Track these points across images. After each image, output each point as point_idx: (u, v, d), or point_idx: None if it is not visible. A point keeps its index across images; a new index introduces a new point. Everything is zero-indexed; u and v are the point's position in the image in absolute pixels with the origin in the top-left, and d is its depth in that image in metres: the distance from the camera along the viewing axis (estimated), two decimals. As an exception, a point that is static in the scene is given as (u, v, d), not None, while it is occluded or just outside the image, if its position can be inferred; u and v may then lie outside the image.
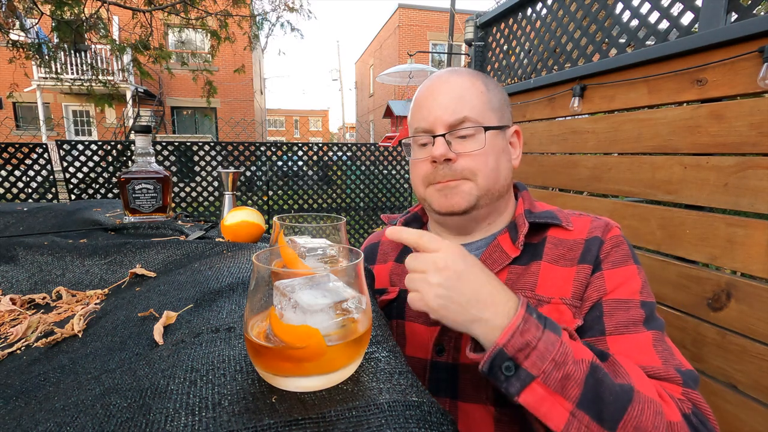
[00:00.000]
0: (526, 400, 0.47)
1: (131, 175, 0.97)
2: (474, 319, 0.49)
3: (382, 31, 18.69)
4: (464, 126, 0.68)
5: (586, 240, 0.67)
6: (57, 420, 0.33)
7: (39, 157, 3.85)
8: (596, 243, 0.65)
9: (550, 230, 0.70)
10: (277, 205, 5.07)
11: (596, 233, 0.67)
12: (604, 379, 0.47)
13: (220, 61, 11.86)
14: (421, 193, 0.75)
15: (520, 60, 2.13)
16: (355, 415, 0.32)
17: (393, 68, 8.33)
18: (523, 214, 0.71)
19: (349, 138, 30.21)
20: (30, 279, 0.70)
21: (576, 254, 0.66)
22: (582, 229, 0.68)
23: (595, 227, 0.68)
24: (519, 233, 0.69)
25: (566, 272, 0.65)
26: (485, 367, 0.48)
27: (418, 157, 0.74)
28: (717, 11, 1.14)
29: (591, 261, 0.64)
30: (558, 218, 0.70)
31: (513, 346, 0.47)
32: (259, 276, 0.36)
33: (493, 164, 0.69)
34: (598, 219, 0.70)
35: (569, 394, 0.46)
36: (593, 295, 0.62)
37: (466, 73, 0.73)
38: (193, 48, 12.37)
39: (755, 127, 1.02)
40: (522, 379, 0.47)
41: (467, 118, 0.68)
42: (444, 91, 0.71)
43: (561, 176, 1.71)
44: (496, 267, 0.68)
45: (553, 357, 0.46)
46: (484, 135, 0.69)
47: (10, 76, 6.31)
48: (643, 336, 0.57)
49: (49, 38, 5.51)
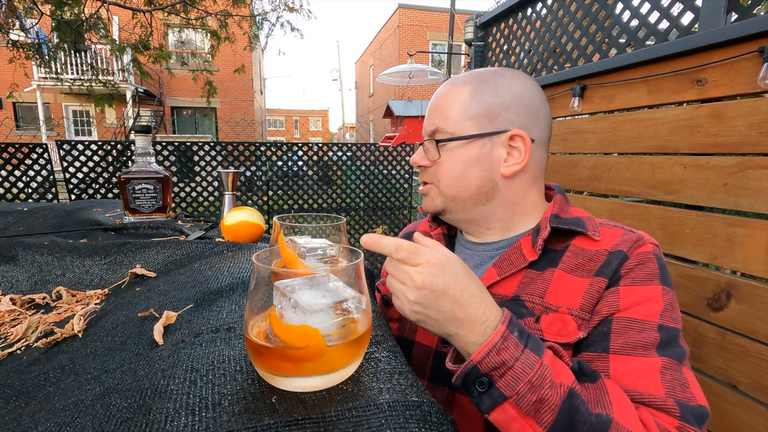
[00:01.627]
0: (496, 419, 0.47)
1: (131, 175, 0.97)
2: (451, 334, 0.49)
3: (382, 31, 18.70)
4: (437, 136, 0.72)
5: (609, 252, 0.63)
6: (57, 420, 0.33)
7: (39, 157, 3.85)
8: (619, 257, 0.61)
9: (576, 238, 0.67)
10: (277, 205, 5.07)
11: (622, 247, 0.62)
12: (580, 408, 0.46)
13: (220, 61, 11.86)
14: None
15: (520, 60, 2.12)
16: (355, 415, 0.32)
17: (393, 68, 8.33)
18: (548, 218, 0.68)
19: (349, 138, 30.21)
20: (30, 279, 0.70)
21: (595, 266, 0.62)
22: (609, 241, 0.64)
23: (623, 240, 0.63)
24: (539, 237, 0.67)
25: (579, 282, 0.62)
26: (458, 381, 0.49)
27: None
28: (717, 11, 1.14)
29: (608, 275, 0.60)
30: (584, 226, 0.66)
31: (488, 363, 0.46)
32: (259, 276, 0.36)
33: (457, 173, 0.70)
34: (632, 233, 0.65)
35: (542, 418, 0.45)
36: (603, 310, 0.59)
37: (458, 82, 0.72)
38: (193, 48, 12.38)
39: (755, 127, 1.02)
40: (494, 398, 0.46)
41: (438, 129, 0.71)
42: (432, 101, 0.75)
43: (561, 176, 1.71)
44: (511, 269, 0.67)
45: (529, 379, 0.45)
46: (436, 147, 0.71)
47: (10, 76, 6.31)
48: (650, 361, 0.53)
49: (49, 38, 5.51)
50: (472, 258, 0.75)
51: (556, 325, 0.60)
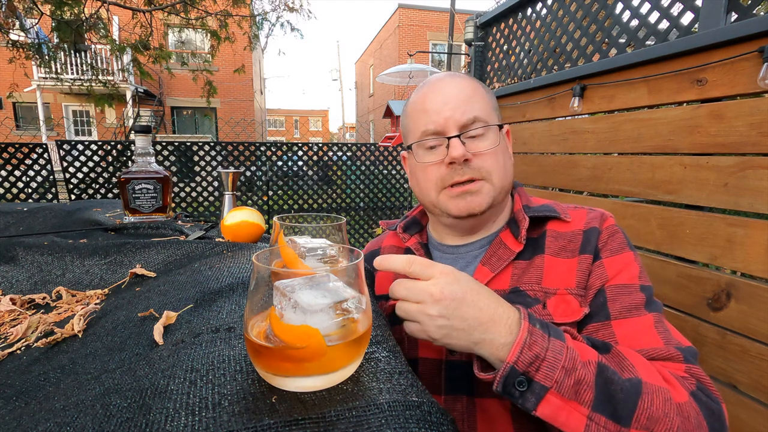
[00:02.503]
0: (543, 412, 0.47)
1: (131, 175, 0.97)
2: (478, 341, 0.49)
3: (382, 31, 18.70)
4: (476, 126, 0.69)
5: (584, 231, 0.68)
6: (57, 420, 0.33)
7: (39, 157, 3.85)
8: (595, 233, 0.67)
9: (549, 224, 0.72)
10: (277, 205, 5.07)
11: (594, 224, 0.69)
12: (613, 377, 0.48)
13: (220, 61, 11.86)
14: (432, 198, 0.73)
15: (520, 60, 2.13)
16: (355, 415, 0.32)
17: (393, 68, 8.31)
18: (522, 210, 0.73)
19: (349, 138, 30.20)
20: (30, 279, 0.70)
21: (576, 245, 0.67)
22: (579, 221, 0.70)
23: (591, 218, 0.70)
24: (520, 228, 0.70)
25: (569, 263, 0.66)
26: (499, 386, 0.48)
27: (429, 161, 0.71)
28: (717, 11, 1.14)
29: (591, 251, 0.66)
30: (556, 211, 0.72)
31: (523, 361, 0.47)
32: (259, 276, 0.36)
33: (503, 162, 0.71)
34: (593, 210, 0.72)
35: (583, 398, 0.46)
36: (596, 283, 0.63)
37: (465, 76, 0.74)
38: (193, 48, 12.37)
39: (755, 127, 1.02)
40: (537, 393, 0.47)
41: (477, 117, 0.69)
42: (450, 92, 0.70)
43: (561, 176, 1.71)
44: (501, 263, 0.69)
45: (562, 365, 0.47)
46: (497, 133, 0.71)
47: (10, 76, 6.31)
48: (645, 318, 0.59)
49: (49, 38, 5.51)
50: (456, 261, 0.75)
51: (561, 307, 0.62)
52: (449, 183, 0.69)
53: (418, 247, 0.78)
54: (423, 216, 0.86)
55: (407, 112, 0.78)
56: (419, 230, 0.84)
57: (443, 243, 0.79)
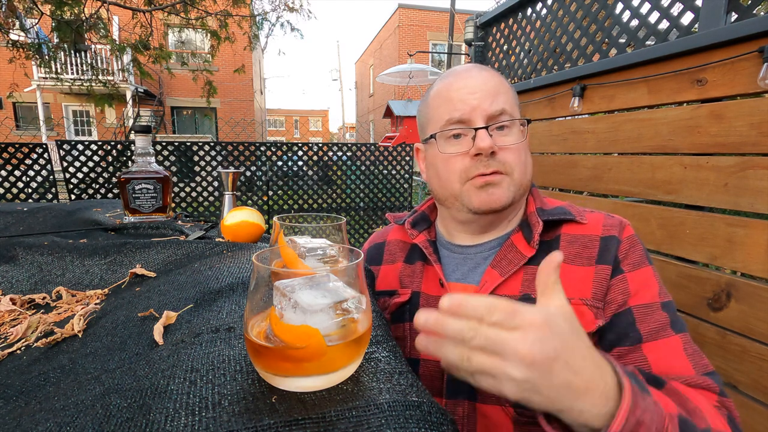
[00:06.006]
0: None
1: (131, 175, 0.97)
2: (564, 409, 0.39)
3: (382, 31, 18.70)
4: (503, 118, 0.66)
5: (602, 238, 0.65)
6: (57, 420, 0.33)
7: (39, 157, 3.85)
8: (614, 242, 0.64)
9: (564, 227, 0.68)
10: (277, 205, 5.07)
11: (613, 232, 0.65)
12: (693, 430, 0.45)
13: (220, 61, 11.87)
14: (456, 190, 0.69)
15: (520, 60, 2.13)
16: (355, 415, 0.32)
17: (393, 68, 8.33)
18: (535, 212, 0.70)
19: (349, 138, 30.20)
20: (30, 279, 0.70)
21: (593, 252, 0.64)
22: (596, 225, 0.67)
23: (610, 225, 0.66)
24: (533, 232, 0.67)
25: (585, 272, 0.63)
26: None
27: (452, 151, 0.68)
28: (717, 11, 1.14)
29: (610, 261, 0.62)
30: (571, 213, 0.68)
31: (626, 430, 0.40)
32: (259, 276, 0.36)
33: (524, 159, 0.69)
34: (612, 217, 0.69)
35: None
36: (618, 299, 0.61)
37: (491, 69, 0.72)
38: (193, 48, 12.38)
39: (755, 127, 1.02)
40: None
41: (504, 110, 0.66)
42: (478, 82, 0.67)
43: (561, 176, 1.71)
44: (512, 268, 0.66)
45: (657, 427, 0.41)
46: (521, 130, 0.68)
47: (10, 76, 6.32)
48: (673, 341, 0.57)
49: (49, 38, 5.51)
50: (465, 262, 0.73)
51: None
52: (474, 174, 0.66)
53: (426, 245, 0.75)
54: (432, 212, 0.83)
55: (428, 102, 0.74)
56: (428, 227, 0.81)
57: (452, 242, 0.76)
